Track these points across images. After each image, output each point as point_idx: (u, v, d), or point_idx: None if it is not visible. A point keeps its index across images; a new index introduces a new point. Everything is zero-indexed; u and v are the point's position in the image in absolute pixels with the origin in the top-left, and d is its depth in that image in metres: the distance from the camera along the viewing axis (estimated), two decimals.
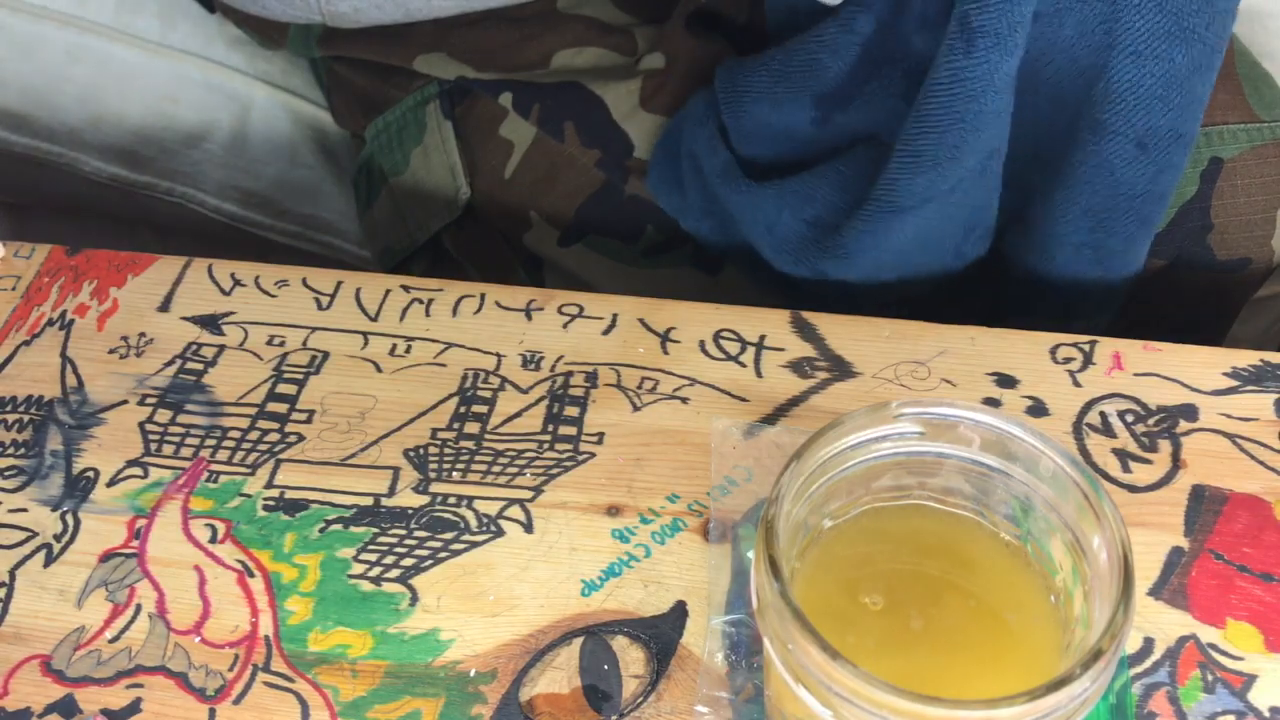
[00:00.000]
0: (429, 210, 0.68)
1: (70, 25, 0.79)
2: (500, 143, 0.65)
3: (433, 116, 0.67)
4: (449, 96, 0.66)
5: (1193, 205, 0.58)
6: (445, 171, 0.66)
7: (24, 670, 0.41)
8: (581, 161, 0.62)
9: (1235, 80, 0.59)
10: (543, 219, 0.63)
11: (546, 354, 0.51)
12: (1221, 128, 0.58)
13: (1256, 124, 0.58)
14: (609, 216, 0.62)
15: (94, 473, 0.47)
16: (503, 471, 0.47)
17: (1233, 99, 0.58)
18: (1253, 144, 0.58)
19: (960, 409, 0.36)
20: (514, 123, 0.64)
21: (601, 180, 0.62)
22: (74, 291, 0.54)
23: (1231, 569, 0.43)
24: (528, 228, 0.64)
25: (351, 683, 0.41)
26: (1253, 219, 0.59)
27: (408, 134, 0.68)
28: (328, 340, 0.52)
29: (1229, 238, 0.59)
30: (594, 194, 0.62)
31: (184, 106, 0.81)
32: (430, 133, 0.67)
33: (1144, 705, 0.40)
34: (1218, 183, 0.58)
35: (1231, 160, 0.58)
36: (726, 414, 0.48)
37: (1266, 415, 0.48)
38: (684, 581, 0.43)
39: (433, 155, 0.67)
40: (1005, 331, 0.51)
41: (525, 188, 0.64)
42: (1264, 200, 0.58)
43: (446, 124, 0.66)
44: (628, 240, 0.62)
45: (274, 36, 0.75)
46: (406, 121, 0.68)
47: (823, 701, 0.31)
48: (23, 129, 0.80)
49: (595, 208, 0.62)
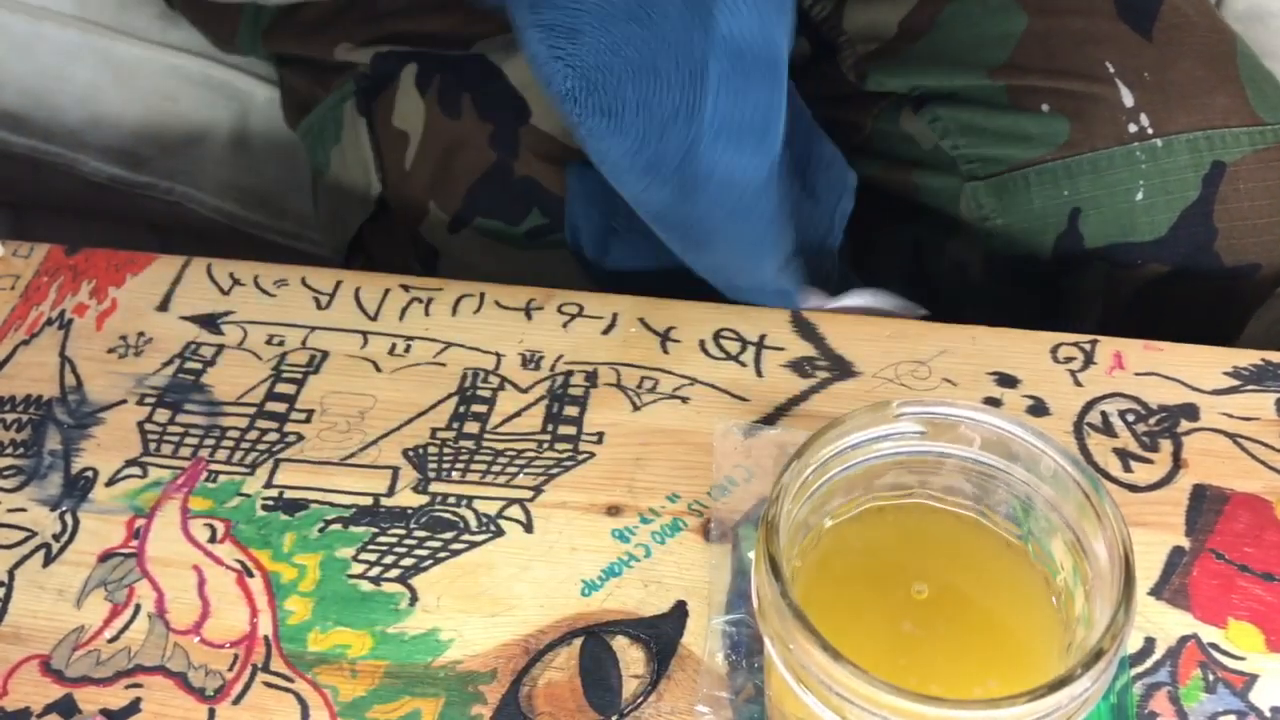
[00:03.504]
0: (349, 208, 0.68)
1: (70, 25, 0.79)
2: (397, 135, 0.64)
3: (349, 114, 0.67)
4: (365, 94, 0.67)
5: (1194, 210, 0.58)
6: (360, 168, 0.66)
7: (23, 670, 0.41)
8: (475, 140, 0.62)
9: (1238, 83, 0.58)
10: (438, 207, 0.63)
11: (546, 353, 0.51)
12: (1224, 131, 0.57)
13: (1260, 127, 0.58)
14: (497, 198, 0.62)
15: (93, 472, 0.47)
16: (502, 471, 0.46)
17: (1234, 102, 0.58)
18: (1256, 147, 0.58)
19: (961, 408, 0.36)
20: (406, 111, 0.64)
21: (492, 160, 0.62)
22: (73, 291, 0.54)
23: (1233, 569, 0.43)
24: (425, 217, 0.64)
25: (351, 683, 0.40)
26: (1259, 223, 0.58)
27: (328, 133, 0.68)
28: (327, 340, 0.52)
29: (1235, 243, 0.58)
30: (484, 174, 0.62)
31: (183, 106, 0.81)
32: (347, 130, 0.67)
33: (1145, 705, 0.39)
34: (1220, 187, 0.57)
35: (1235, 164, 0.57)
36: (727, 414, 0.48)
37: (1268, 414, 0.48)
38: (684, 581, 0.43)
39: (349, 153, 0.67)
40: (1006, 331, 0.51)
41: (424, 177, 0.64)
42: (1269, 204, 0.58)
43: (360, 120, 0.66)
44: (510, 223, 0.62)
45: (224, 35, 0.76)
46: (326, 121, 0.68)
47: (823, 701, 0.31)
48: (22, 129, 0.80)
49: (484, 188, 0.62)
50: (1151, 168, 0.57)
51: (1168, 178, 0.58)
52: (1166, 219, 0.58)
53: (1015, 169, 0.60)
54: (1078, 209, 0.59)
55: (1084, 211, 0.59)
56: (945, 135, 0.63)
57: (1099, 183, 0.58)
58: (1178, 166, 0.57)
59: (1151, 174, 0.58)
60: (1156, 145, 0.57)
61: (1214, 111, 0.57)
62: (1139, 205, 0.58)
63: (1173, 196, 0.58)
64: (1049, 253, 0.61)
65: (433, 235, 0.64)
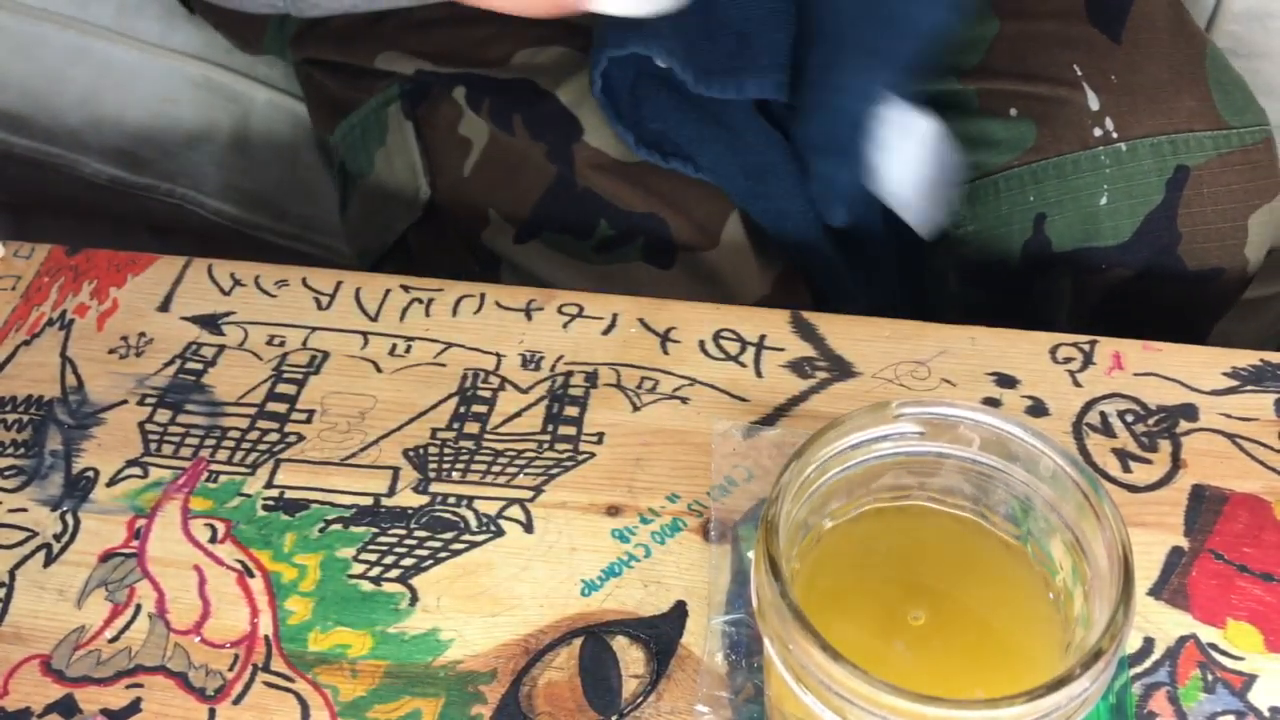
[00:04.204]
0: (394, 210, 0.68)
1: (71, 27, 0.79)
2: (460, 140, 0.65)
3: (394, 117, 0.67)
4: (410, 98, 0.67)
5: (1158, 214, 0.57)
6: (408, 171, 0.66)
7: (24, 670, 0.41)
8: (534, 156, 0.62)
9: (1204, 87, 0.58)
10: (500, 216, 0.64)
11: (546, 354, 0.51)
12: (1188, 135, 0.57)
13: (1224, 131, 0.57)
14: (564, 212, 0.62)
15: (94, 472, 0.47)
16: (503, 471, 0.47)
17: (1200, 105, 0.57)
18: (1220, 151, 0.57)
19: (960, 409, 0.36)
20: (471, 121, 0.64)
21: (554, 174, 0.62)
22: (74, 291, 0.54)
23: (1232, 569, 0.43)
24: (485, 225, 0.64)
25: (351, 683, 0.41)
26: (1222, 228, 0.58)
27: (371, 135, 0.68)
28: (327, 340, 0.52)
29: (1199, 248, 0.58)
30: (549, 189, 0.62)
31: (184, 108, 0.81)
32: (392, 133, 0.67)
33: (1144, 705, 0.40)
34: (1184, 191, 0.57)
35: (1199, 168, 0.57)
36: (726, 414, 0.48)
37: (1266, 415, 0.48)
38: (684, 581, 0.43)
39: (395, 156, 0.67)
40: (1005, 331, 0.51)
41: (484, 185, 0.64)
42: (1233, 209, 0.58)
43: (408, 124, 0.67)
44: (581, 236, 0.62)
45: (250, 39, 0.76)
46: (370, 123, 0.69)
47: (823, 701, 0.31)
48: (23, 130, 0.81)
49: (551, 204, 0.62)
50: (1116, 171, 0.57)
51: (1132, 182, 0.57)
52: (1130, 223, 0.58)
53: (986, 175, 0.60)
54: (1043, 214, 0.59)
55: (1049, 216, 0.59)
56: None
57: (1064, 187, 0.58)
58: (1141, 170, 0.57)
59: (1116, 178, 0.57)
60: (1121, 149, 0.57)
61: (1179, 115, 0.57)
62: (1103, 209, 0.58)
63: (1136, 200, 0.57)
64: (1017, 258, 0.61)
65: (495, 243, 0.64)
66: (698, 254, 0.61)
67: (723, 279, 0.61)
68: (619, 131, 0.61)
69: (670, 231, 0.61)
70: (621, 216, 0.61)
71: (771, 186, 0.61)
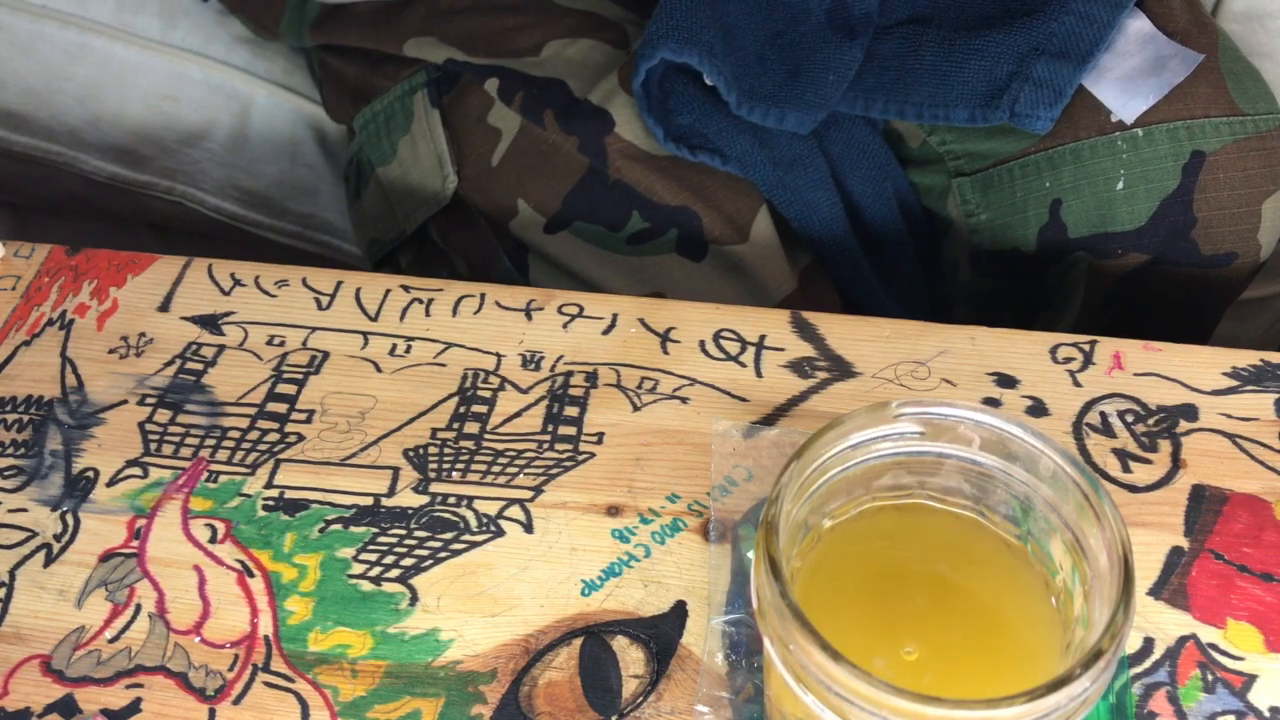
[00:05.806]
0: (416, 200, 0.68)
1: (70, 24, 0.79)
2: (488, 130, 0.65)
3: (420, 105, 0.67)
4: (436, 86, 0.67)
5: (1174, 199, 0.58)
6: (433, 161, 0.66)
7: (24, 670, 0.41)
8: (565, 148, 0.63)
9: (1218, 74, 0.58)
10: (530, 206, 0.64)
11: (546, 354, 0.51)
12: (1204, 121, 0.58)
13: (1239, 117, 0.58)
14: (594, 204, 0.63)
15: (94, 473, 0.47)
16: (503, 471, 0.47)
17: (1215, 92, 0.58)
18: (1235, 137, 0.58)
19: (960, 409, 0.36)
20: (501, 111, 0.65)
21: (585, 166, 0.62)
22: (74, 291, 0.54)
23: (1231, 569, 0.43)
24: (514, 215, 0.64)
25: (351, 683, 0.41)
26: (1237, 212, 0.58)
27: (395, 123, 0.68)
28: (328, 340, 0.52)
29: (1213, 232, 0.59)
30: (580, 181, 0.63)
31: (184, 106, 0.81)
32: (418, 121, 0.67)
33: (1144, 705, 0.40)
34: (1200, 176, 0.58)
35: (1214, 154, 0.57)
36: (726, 414, 0.48)
37: (1267, 415, 0.48)
38: (684, 581, 0.43)
39: (420, 144, 0.67)
40: (1005, 331, 0.51)
41: (513, 175, 0.64)
42: (1248, 194, 0.58)
43: (434, 113, 0.66)
44: (612, 228, 0.62)
45: (266, 23, 0.75)
46: (394, 111, 0.68)
47: (823, 701, 0.31)
48: (22, 128, 0.80)
49: (581, 195, 0.63)
50: (1132, 157, 0.58)
51: (1148, 167, 0.58)
52: (1147, 208, 0.58)
53: (1001, 163, 0.61)
54: (1059, 200, 0.59)
55: (1065, 202, 0.59)
56: (933, 132, 0.63)
57: (1080, 172, 0.59)
58: (1158, 155, 0.58)
59: (1132, 163, 0.58)
60: (1137, 134, 0.58)
61: (1194, 101, 0.57)
62: (1120, 194, 0.58)
63: (1153, 185, 0.58)
64: (1033, 245, 0.61)
65: (525, 233, 0.64)
66: (728, 248, 0.61)
67: (752, 272, 0.62)
68: (649, 124, 0.61)
69: (702, 225, 0.61)
70: (654, 209, 0.62)
71: (799, 177, 0.62)
